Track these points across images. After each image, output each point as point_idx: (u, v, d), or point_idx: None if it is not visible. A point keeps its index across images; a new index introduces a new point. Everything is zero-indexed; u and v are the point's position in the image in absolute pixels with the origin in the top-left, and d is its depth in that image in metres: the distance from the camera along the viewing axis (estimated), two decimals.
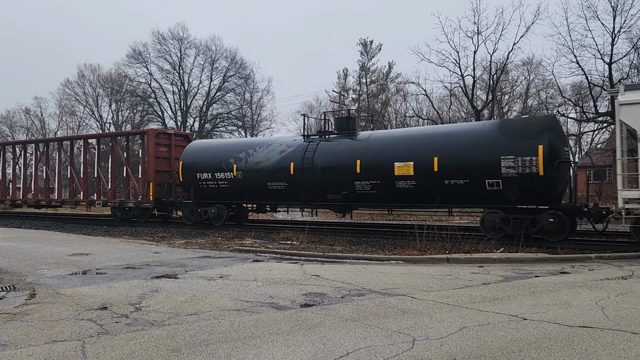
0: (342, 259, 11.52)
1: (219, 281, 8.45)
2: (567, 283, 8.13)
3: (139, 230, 19.24)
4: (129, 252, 12.74)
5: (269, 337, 5.19)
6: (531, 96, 42.17)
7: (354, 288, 7.80)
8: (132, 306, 6.61)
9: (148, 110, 58.58)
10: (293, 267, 10.10)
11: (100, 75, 61.29)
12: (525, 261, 10.69)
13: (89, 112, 61.98)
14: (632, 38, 28.75)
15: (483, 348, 4.77)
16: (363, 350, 4.73)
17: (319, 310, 6.39)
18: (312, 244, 14.13)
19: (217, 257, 11.84)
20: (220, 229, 18.69)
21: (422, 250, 12.00)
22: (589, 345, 4.80)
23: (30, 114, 66.69)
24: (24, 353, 4.75)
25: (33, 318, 6.04)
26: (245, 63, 57.59)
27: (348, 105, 50.23)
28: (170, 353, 4.71)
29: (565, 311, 6.18)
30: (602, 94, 30.65)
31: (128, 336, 5.25)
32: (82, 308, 6.51)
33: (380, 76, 49.93)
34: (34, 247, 13.69)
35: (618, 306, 6.41)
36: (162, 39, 55.65)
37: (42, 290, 7.73)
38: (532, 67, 40.87)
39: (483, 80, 35.70)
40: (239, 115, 57.98)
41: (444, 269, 9.73)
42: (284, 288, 7.82)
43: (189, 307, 6.53)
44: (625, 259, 10.79)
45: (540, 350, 4.69)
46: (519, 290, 7.56)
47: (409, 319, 5.91)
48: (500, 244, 12.94)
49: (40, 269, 9.92)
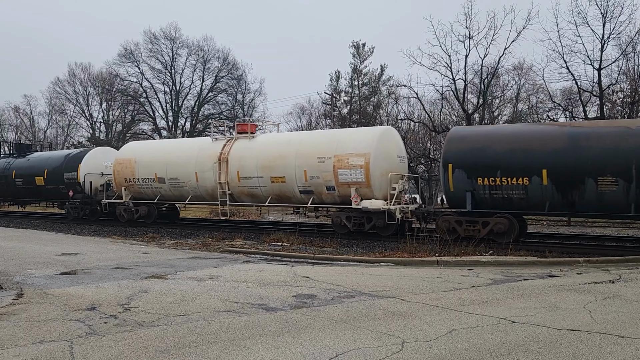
0: (332, 261, 11.53)
1: (209, 282, 8.42)
2: (556, 286, 8.20)
3: (128, 230, 19.14)
4: (118, 252, 12.66)
5: (259, 339, 5.18)
6: (521, 100, 42.42)
7: (344, 290, 7.81)
8: (121, 307, 6.57)
9: (139, 110, 58.22)
10: (283, 269, 10.08)
11: (91, 74, 60.86)
12: (515, 264, 10.76)
13: (79, 111, 61.54)
14: (621, 44, 29.04)
15: (472, 350, 4.79)
16: (353, 352, 4.73)
17: (309, 311, 6.39)
18: (302, 246, 14.13)
19: (207, 258, 11.80)
20: (211, 230, 18.74)
21: (412, 253, 12.03)
22: (577, 349, 4.84)
23: (20, 112, 66.02)
24: (10, 353, 4.70)
25: (20, 318, 5.98)
26: (237, 64, 57.47)
27: (340, 107, 50.31)
28: (159, 354, 4.69)
29: (553, 314, 6.23)
30: (591, 99, 30.94)
31: (117, 337, 5.22)
32: (71, 308, 6.46)
33: (373, 79, 49.94)
34: (21, 247, 13.56)
35: (605, 310, 6.47)
36: (154, 38, 55.39)
37: (30, 290, 7.66)
38: (522, 71, 41.11)
39: (474, 84, 35.90)
40: (231, 116, 57.80)
41: (433, 272, 9.77)
42: (274, 289, 7.81)
43: (178, 308, 6.50)
44: (612, 263, 10.89)
45: (528, 353, 4.73)
46: (507, 293, 7.61)
47: (399, 321, 5.92)
48: (489, 247, 13.02)
49: (28, 268, 9.83)
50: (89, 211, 22.89)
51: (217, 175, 18.25)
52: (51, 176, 24.26)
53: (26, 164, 26.25)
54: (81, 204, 23.01)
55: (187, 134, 53.83)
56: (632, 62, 30.48)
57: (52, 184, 24.25)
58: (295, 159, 16.60)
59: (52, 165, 24.57)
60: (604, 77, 28.59)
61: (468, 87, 34.28)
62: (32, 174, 25.31)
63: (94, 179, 23.06)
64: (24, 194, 26.61)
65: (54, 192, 24.46)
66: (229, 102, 58.35)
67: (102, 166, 23.45)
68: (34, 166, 25.66)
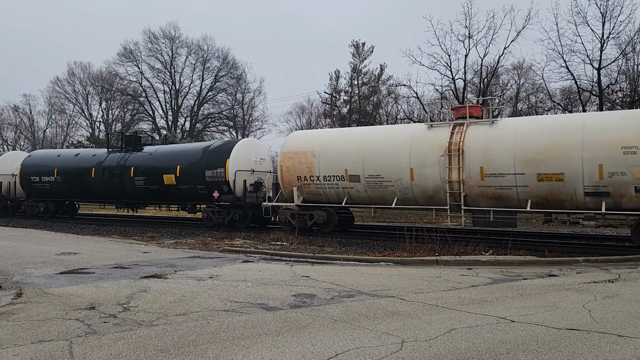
0: (332, 260, 11.53)
1: (209, 281, 8.42)
2: (555, 286, 8.20)
3: (128, 229, 19.13)
4: (117, 251, 12.65)
5: (258, 338, 5.18)
6: (521, 100, 42.44)
7: (343, 289, 7.81)
8: (120, 306, 6.57)
9: (139, 109, 58.25)
10: (283, 268, 10.08)
11: (90, 73, 60.98)
12: (514, 264, 10.77)
13: (79, 110, 61.63)
14: (621, 44, 29.12)
15: (471, 350, 4.79)
16: (352, 352, 4.73)
17: (309, 311, 6.39)
18: (302, 245, 14.13)
19: (207, 257, 11.79)
20: (210, 229, 18.66)
21: (411, 252, 12.04)
22: (576, 348, 4.84)
23: (19, 111, 66.00)
24: (10, 353, 4.70)
25: (20, 317, 5.98)
26: (237, 63, 57.49)
27: (340, 106, 50.29)
28: (159, 353, 4.69)
29: (552, 314, 6.23)
30: (590, 99, 30.98)
31: (116, 336, 5.21)
32: (70, 308, 6.45)
33: (372, 78, 49.96)
34: (21, 246, 13.55)
35: (605, 309, 6.48)
36: (154, 37, 55.41)
37: (29, 289, 7.66)
38: (522, 71, 41.14)
39: (474, 84, 35.94)
40: (231, 116, 57.83)
41: (433, 271, 9.77)
42: (273, 289, 7.81)
43: (177, 308, 6.50)
44: (612, 262, 10.90)
45: (527, 352, 4.73)
46: (507, 293, 7.61)
47: (398, 320, 5.92)
48: (488, 246, 13.02)
49: (28, 268, 9.82)
50: (239, 216, 18.58)
51: (445, 172, 14.39)
52: (186, 174, 19.70)
53: (148, 159, 21.38)
54: (229, 208, 18.66)
55: (186, 133, 53.76)
56: (632, 62, 30.58)
57: (186, 183, 19.76)
58: (582, 149, 12.64)
59: (187, 161, 19.92)
60: (603, 77, 28.67)
61: (468, 87, 34.33)
62: (159, 171, 20.58)
63: (246, 177, 18.81)
64: (145, 196, 21.62)
65: (189, 193, 19.91)
66: (229, 101, 58.41)
67: (252, 161, 19.33)
68: (160, 162, 20.81)
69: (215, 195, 18.73)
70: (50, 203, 25.43)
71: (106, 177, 22.37)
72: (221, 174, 18.57)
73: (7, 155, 29.34)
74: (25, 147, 61.27)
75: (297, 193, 16.72)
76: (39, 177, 25.04)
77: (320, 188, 16.45)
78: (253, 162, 19.26)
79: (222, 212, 18.88)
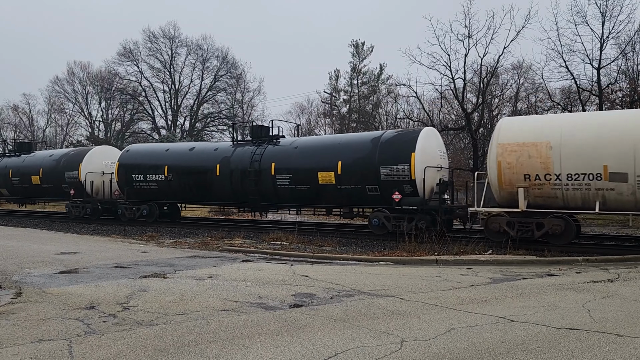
0: (331, 260, 11.53)
1: (208, 281, 8.42)
2: (554, 285, 8.21)
3: (127, 229, 19.12)
4: (117, 251, 12.65)
5: (258, 338, 5.18)
6: (521, 100, 42.45)
7: (343, 289, 7.81)
8: (119, 305, 6.57)
9: (138, 109, 58.25)
10: (282, 268, 10.08)
11: (90, 72, 60.97)
12: (513, 263, 10.77)
13: (78, 109, 61.58)
14: (620, 44, 29.09)
15: (471, 349, 4.80)
16: (352, 351, 4.73)
17: (308, 310, 6.39)
18: (301, 245, 14.13)
19: (206, 257, 11.80)
20: (210, 229, 18.67)
21: (411, 252, 12.04)
22: (575, 347, 4.85)
23: (19, 111, 65.95)
24: (9, 352, 4.70)
25: (19, 317, 5.98)
26: (236, 63, 57.56)
27: (339, 106, 50.32)
28: (158, 353, 4.69)
29: (552, 313, 6.23)
30: (590, 98, 30.98)
31: (115, 336, 5.22)
32: (69, 307, 6.45)
33: (372, 78, 50.02)
34: (20, 246, 13.55)
35: (604, 308, 6.48)
36: (153, 37, 55.45)
37: (29, 289, 7.66)
38: (522, 71, 41.14)
39: (473, 83, 35.91)
40: (230, 115, 57.81)
41: (432, 271, 9.77)
42: (273, 288, 7.81)
43: (177, 307, 6.50)
44: (611, 262, 10.91)
45: (527, 351, 4.73)
46: (506, 292, 7.62)
47: (398, 320, 5.93)
48: (488, 246, 13.02)
49: (27, 267, 9.81)
50: (426, 223, 14.63)
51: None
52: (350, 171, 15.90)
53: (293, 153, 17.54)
54: (413, 213, 14.81)
55: (186, 133, 53.76)
56: (632, 62, 30.59)
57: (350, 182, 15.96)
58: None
59: (352, 156, 16.06)
60: (603, 77, 28.65)
61: (467, 86, 34.31)
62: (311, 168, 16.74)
63: (433, 174, 15.26)
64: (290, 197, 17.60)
65: (354, 194, 16.03)
66: (228, 101, 58.47)
67: (437, 155, 15.79)
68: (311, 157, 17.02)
69: (397, 198, 14.96)
70: (154, 205, 21.23)
71: (236, 176, 18.43)
72: (404, 171, 14.84)
73: (97, 151, 24.21)
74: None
75: (523, 196, 13.13)
76: (143, 175, 20.90)
77: (557, 190, 12.83)
78: (439, 157, 15.73)
79: (402, 220, 14.92)
